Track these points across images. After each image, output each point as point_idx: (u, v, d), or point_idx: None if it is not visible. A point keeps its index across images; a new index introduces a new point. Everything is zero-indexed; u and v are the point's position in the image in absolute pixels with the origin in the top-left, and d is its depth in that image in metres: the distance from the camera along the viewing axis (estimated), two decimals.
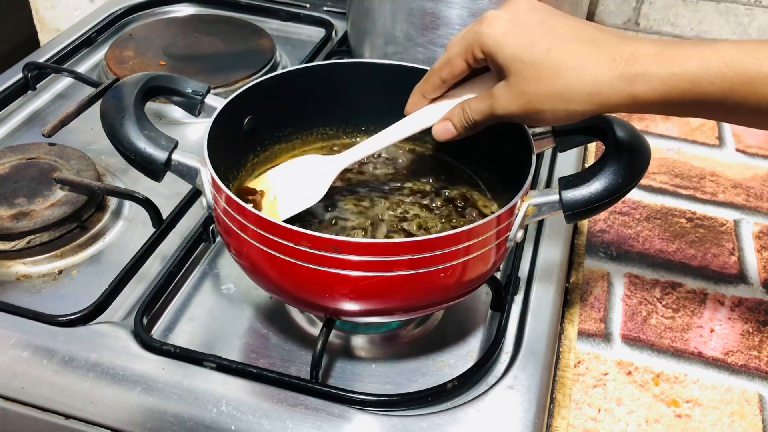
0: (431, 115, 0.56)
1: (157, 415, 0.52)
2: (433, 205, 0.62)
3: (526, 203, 0.52)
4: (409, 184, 0.64)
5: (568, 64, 0.46)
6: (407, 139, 0.68)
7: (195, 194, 0.69)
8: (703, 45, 0.44)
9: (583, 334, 0.65)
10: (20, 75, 0.86)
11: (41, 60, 0.90)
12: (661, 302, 0.69)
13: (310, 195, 0.57)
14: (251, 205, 0.49)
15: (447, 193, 0.63)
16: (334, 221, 0.59)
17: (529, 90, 0.48)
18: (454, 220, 0.60)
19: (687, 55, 0.44)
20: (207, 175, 0.52)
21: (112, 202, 0.71)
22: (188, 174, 0.53)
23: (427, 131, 0.56)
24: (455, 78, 0.53)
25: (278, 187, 0.59)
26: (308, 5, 1.08)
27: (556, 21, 0.49)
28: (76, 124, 0.78)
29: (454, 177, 0.65)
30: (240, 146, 0.62)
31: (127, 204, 0.71)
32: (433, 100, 0.56)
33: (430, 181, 0.64)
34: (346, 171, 0.65)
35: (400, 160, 0.67)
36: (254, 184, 0.60)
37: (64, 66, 0.90)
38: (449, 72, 0.53)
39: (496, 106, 0.50)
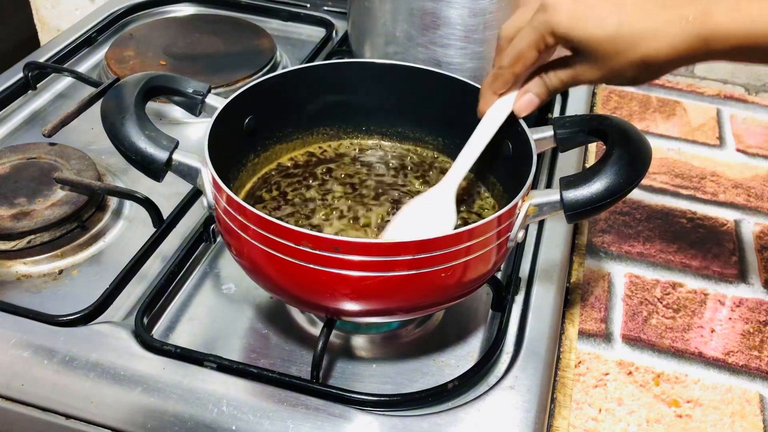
0: (506, 104, 0.56)
1: (158, 415, 0.52)
2: None
3: (527, 203, 0.52)
4: (409, 185, 0.64)
5: (642, 34, 0.47)
6: (408, 141, 0.68)
7: (195, 194, 0.69)
8: None
9: (583, 334, 0.65)
10: (20, 75, 0.86)
11: (41, 60, 0.90)
12: (661, 302, 0.69)
13: (443, 227, 0.56)
14: None
15: None
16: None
17: (610, 63, 0.49)
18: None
19: (761, 9, 0.45)
20: (208, 174, 0.52)
21: (113, 201, 0.71)
22: (189, 174, 0.53)
23: None
24: (529, 70, 0.54)
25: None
26: (308, 5, 1.08)
27: None
28: (77, 123, 0.78)
29: None
30: (241, 146, 0.62)
31: (128, 204, 0.71)
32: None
33: (430, 181, 0.64)
34: (347, 169, 0.65)
35: (401, 162, 0.67)
36: None
37: (65, 66, 0.90)
38: (523, 66, 0.53)
39: (580, 76, 0.52)
